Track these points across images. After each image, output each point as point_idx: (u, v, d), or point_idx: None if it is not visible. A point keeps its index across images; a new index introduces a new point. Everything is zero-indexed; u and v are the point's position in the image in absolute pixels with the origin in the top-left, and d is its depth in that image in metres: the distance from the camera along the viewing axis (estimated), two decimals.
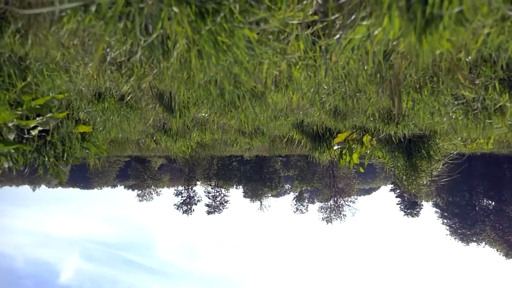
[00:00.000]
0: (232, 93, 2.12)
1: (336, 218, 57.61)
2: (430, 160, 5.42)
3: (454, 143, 5.56)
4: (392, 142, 5.50)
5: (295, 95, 2.65)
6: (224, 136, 6.52)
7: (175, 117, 3.20)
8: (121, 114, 3.66)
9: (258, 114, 2.89)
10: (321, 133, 6.12)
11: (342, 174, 56.84)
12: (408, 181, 5.64)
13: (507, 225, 49.55)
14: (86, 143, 4.10)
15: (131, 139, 9.08)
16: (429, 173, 5.45)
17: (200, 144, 10.07)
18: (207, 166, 60.83)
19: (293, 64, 1.97)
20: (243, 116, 2.68)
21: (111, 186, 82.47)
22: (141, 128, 5.45)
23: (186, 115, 3.28)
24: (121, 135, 5.55)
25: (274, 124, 5.03)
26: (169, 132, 5.44)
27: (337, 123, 4.19)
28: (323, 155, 6.39)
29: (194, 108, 3.28)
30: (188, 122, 3.48)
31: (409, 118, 3.57)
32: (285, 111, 3.79)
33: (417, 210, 58.99)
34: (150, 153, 13.92)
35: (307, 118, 4.98)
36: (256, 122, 3.18)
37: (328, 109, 3.76)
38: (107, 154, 4.58)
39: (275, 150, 14.92)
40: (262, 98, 2.64)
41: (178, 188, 64.54)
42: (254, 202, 58.67)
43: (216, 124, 4.77)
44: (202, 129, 5.21)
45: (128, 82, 2.41)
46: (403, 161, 5.63)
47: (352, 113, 3.77)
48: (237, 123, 2.96)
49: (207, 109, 3.16)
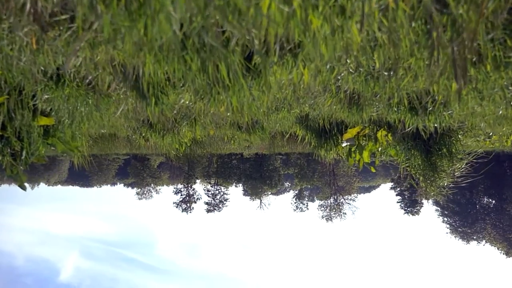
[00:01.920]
0: (216, 55, 1.48)
1: (336, 216, 57.52)
2: (452, 159, 4.76)
3: (478, 140, 4.90)
4: (409, 138, 4.84)
5: (307, 70, 1.97)
6: (218, 131, 5.83)
7: (149, 104, 2.52)
8: (90, 103, 2.98)
9: (256, 99, 2.22)
10: (327, 128, 5.44)
11: (342, 172, 56.72)
12: (426, 183, 4.99)
13: (507, 224, 49.62)
14: (51, 139, 3.42)
15: (120, 136, 8.42)
16: (451, 173, 4.79)
17: (196, 141, 9.42)
18: (206, 164, 60.63)
19: (312, 7, 1.30)
20: (235, 100, 2.01)
21: (110, 184, 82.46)
22: (122, 122, 4.78)
23: (163, 101, 2.59)
24: (103, 130, 4.89)
25: (275, 117, 4.34)
26: (155, 127, 4.75)
27: (351, 114, 3.48)
28: (329, 153, 5.71)
29: (174, 93, 2.61)
30: (168, 111, 2.77)
31: (450, 104, 2.87)
32: (290, 98, 3.11)
33: (417, 208, 59.22)
34: (142, 151, 13.27)
35: (314, 111, 4.31)
36: (253, 110, 2.51)
37: (342, 96, 3.07)
38: (78, 152, 3.91)
39: (276, 148, 14.32)
40: (261, 75, 1.98)
41: (177, 186, 64.48)
42: (254, 200, 58.70)
43: (208, 116, 4.07)
44: (191, 123, 4.51)
45: (75, 51, 1.75)
46: (421, 160, 4.97)
47: (372, 102, 3.09)
48: (230, 112, 2.28)
49: (190, 94, 2.49)
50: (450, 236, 54.78)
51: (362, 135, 5.35)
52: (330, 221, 56.94)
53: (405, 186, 55.59)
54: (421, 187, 5.13)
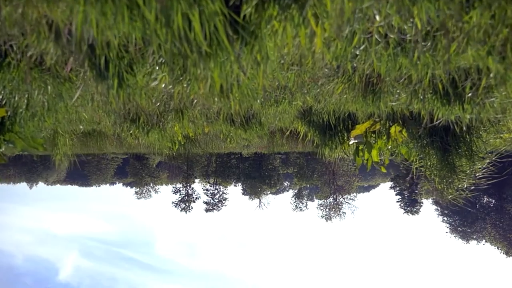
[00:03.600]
0: None
1: (336, 216, 57.52)
2: (473, 158, 4.23)
3: (501, 136, 4.36)
4: (424, 135, 4.29)
5: (320, 29, 1.40)
6: (212, 127, 5.27)
7: (111, 87, 1.93)
8: (49, 90, 2.41)
9: (247, 74, 1.64)
10: (332, 124, 4.89)
11: (342, 171, 56.70)
12: (442, 185, 4.45)
13: (507, 223, 49.81)
14: (8, 134, 2.85)
15: (109, 134, 7.86)
16: (472, 174, 4.25)
17: (190, 139, 8.87)
18: (205, 163, 60.53)
19: None
20: (217, 74, 1.45)
21: (109, 184, 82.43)
22: (101, 115, 4.20)
23: (129, 81, 1.98)
24: (81, 126, 4.33)
25: (274, 110, 3.77)
26: (138, 122, 4.17)
27: (366, 105, 2.89)
28: (334, 152, 5.15)
29: (144, 72, 2.03)
30: (141, 98, 2.15)
31: (496, 90, 2.31)
32: (293, 86, 2.53)
33: (417, 207, 59.52)
34: (133, 150, 12.73)
35: (319, 103, 3.75)
36: (246, 93, 1.92)
37: (357, 81, 2.50)
38: (43, 150, 3.35)
39: (275, 147, 13.83)
40: (253, 36, 1.40)
41: (176, 186, 64.53)
42: (253, 199, 58.76)
43: (195, 108, 3.51)
44: (178, 117, 3.92)
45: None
46: (437, 159, 4.44)
47: (392, 89, 2.51)
48: (214, 96, 1.73)
49: (164, 73, 1.89)
50: (450, 235, 55.11)
51: (371, 132, 4.81)
52: (329, 220, 56.90)
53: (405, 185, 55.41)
54: (436, 190, 4.60)
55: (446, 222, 56.25)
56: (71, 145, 6.44)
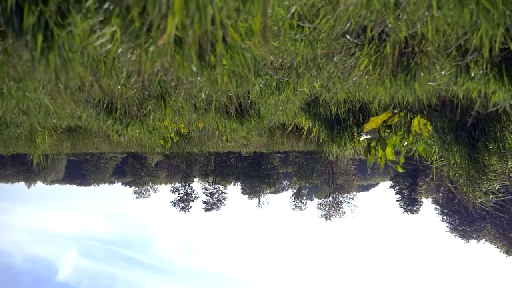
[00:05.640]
0: None
1: (335, 215, 57.40)
2: (506, 156, 3.63)
3: None
4: (449, 130, 3.69)
5: None
6: (201, 119, 4.65)
7: (34, 48, 1.24)
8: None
9: (237, 41, 1.03)
10: (341, 117, 4.26)
11: (341, 170, 56.52)
12: (468, 187, 3.85)
13: (507, 222, 49.86)
14: None
15: (94, 130, 7.26)
16: (506, 174, 3.65)
17: (184, 136, 8.29)
18: (204, 162, 60.21)
19: None
20: (178, 3, 0.84)
21: (108, 183, 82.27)
22: (73, 107, 3.58)
23: (62, 39, 1.30)
24: (54, 120, 3.72)
25: (275, 98, 3.15)
26: (113, 113, 3.53)
27: (396, 86, 2.19)
28: (343, 149, 4.52)
29: (83, 21, 1.31)
30: (76, 62, 1.46)
31: None
32: (303, 58, 1.91)
33: (416, 207, 59.75)
34: (124, 149, 12.13)
35: (328, 92, 3.14)
36: (235, 53, 1.32)
37: (389, 51, 1.85)
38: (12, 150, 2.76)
39: (274, 146, 13.30)
40: None
41: (175, 185, 64.42)
42: (252, 199, 58.66)
43: (179, 94, 2.91)
44: (160, 106, 3.29)
45: None
46: (461, 157, 3.84)
47: (435, 62, 1.89)
48: (199, 73, 1.15)
49: (113, 24, 1.24)
50: (450, 234, 55.30)
51: (384, 127, 4.20)
52: (329, 220, 56.77)
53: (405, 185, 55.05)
54: (461, 192, 4.00)
55: (446, 221, 56.52)
56: (52, 143, 5.81)
